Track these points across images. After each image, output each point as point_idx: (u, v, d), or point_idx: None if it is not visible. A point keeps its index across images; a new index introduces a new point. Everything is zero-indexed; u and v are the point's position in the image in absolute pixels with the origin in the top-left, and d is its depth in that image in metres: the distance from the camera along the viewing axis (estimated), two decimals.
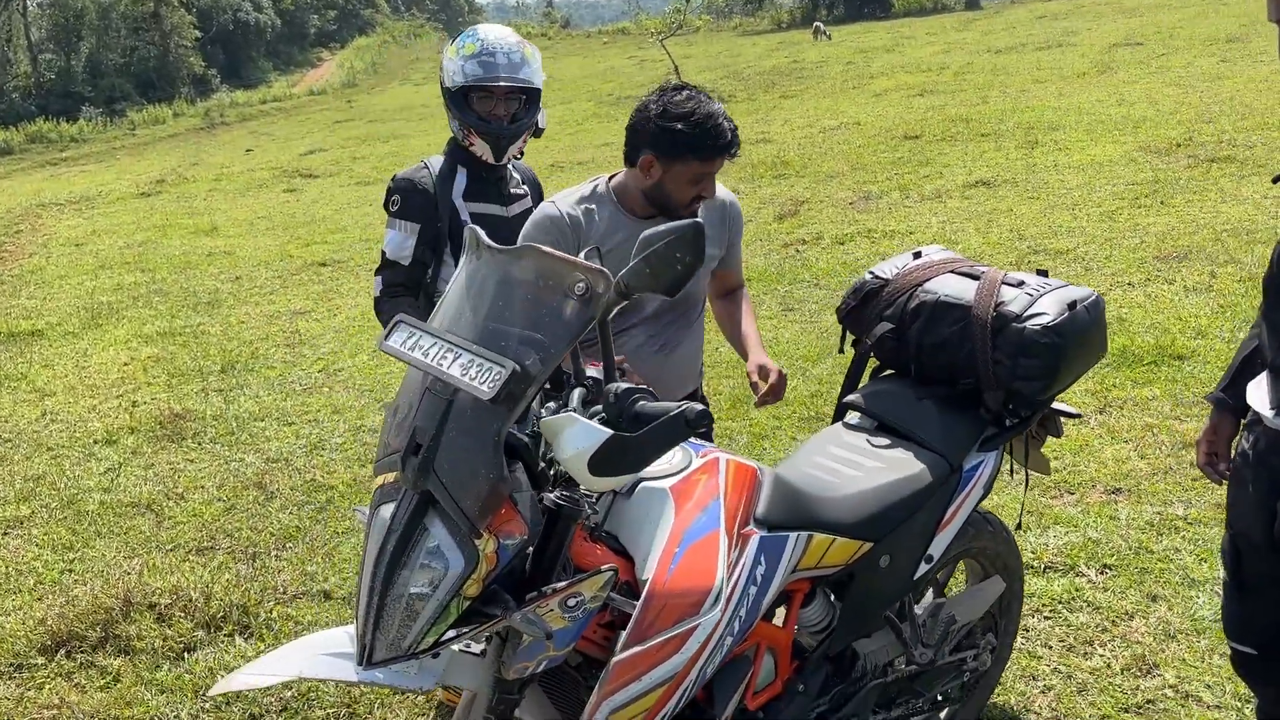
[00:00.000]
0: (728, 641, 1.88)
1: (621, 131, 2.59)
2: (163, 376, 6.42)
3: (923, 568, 2.31)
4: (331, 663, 1.81)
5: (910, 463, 2.28)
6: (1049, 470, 2.69)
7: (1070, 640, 3.09)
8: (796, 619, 2.16)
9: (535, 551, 1.72)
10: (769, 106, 16.34)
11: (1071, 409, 2.56)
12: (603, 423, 1.65)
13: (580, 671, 1.91)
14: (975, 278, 2.44)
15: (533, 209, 2.71)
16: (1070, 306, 2.31)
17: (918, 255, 2.59)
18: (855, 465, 2.27)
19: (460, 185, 2.89)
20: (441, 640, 1.62)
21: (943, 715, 2.64)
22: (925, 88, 15.53)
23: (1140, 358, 4.97)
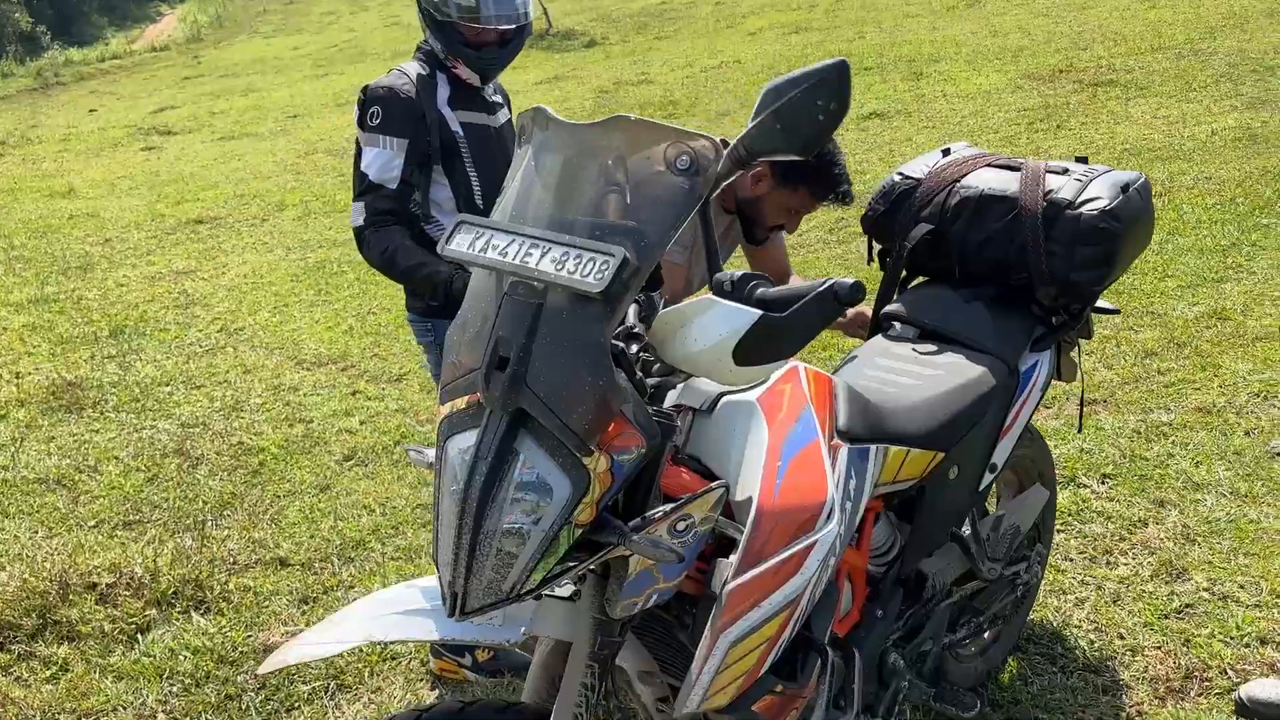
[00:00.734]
0: (832, 561, 1.70)
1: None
2: (44, 345, 5.86)
3: (987, 478, 2.19)
4: (402, 620, 1.57)
5: (969, 367, 2.14)
6: (1078, 376, 2.56)
7: (1090, 551, 3.04)
8: (870, 542, 2.01)
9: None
10: (644, 48, 16.05)
11: (1111, 305, 2.46)
12: None
13: (670, 611, 1.71)
14: (1015, 169, 2.30)
15: (511, 120, 2.44)
16: (1123, 189, 2.19)
17: (946, 152, 2.44)
18: (913, 375, 2.12)
19: (444, 93, 2.55)
20: (550, 576, 1.40)
21: (986, 636, 2.55)
22: (799, 25, 15.47)
23: None
